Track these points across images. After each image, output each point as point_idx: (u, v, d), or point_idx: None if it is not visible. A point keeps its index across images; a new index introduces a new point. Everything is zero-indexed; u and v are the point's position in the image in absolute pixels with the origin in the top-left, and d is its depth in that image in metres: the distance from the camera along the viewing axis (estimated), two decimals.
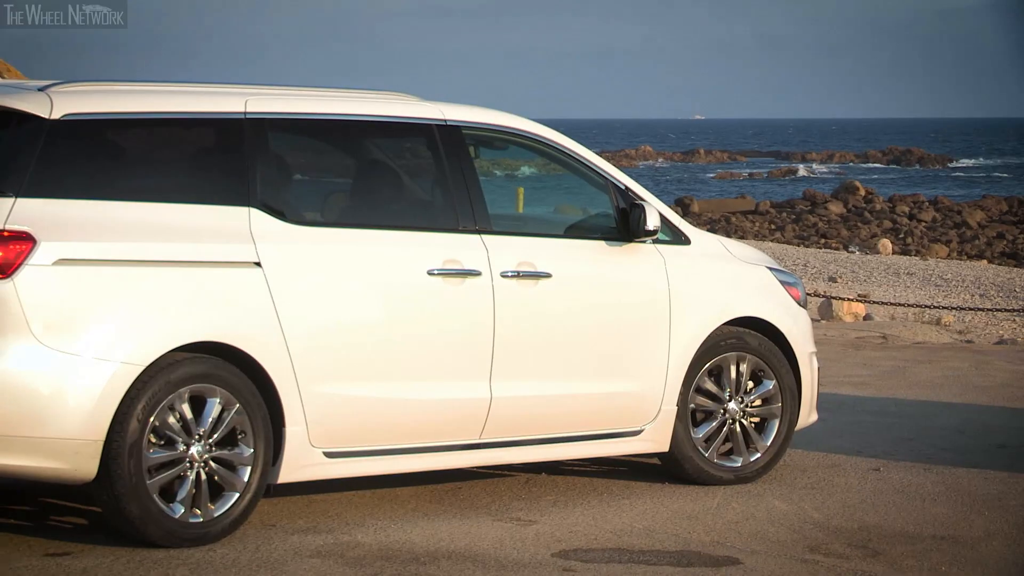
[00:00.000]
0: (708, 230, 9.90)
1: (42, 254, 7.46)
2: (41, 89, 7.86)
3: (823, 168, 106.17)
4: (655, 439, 9.34)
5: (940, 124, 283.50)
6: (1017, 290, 28.59)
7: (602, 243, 9.24)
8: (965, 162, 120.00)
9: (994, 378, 14.53)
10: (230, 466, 7.92)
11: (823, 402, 11.16)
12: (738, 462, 9.59)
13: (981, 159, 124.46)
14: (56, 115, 7.72)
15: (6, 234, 7.41)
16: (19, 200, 7.50)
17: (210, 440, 7.85)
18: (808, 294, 13.61)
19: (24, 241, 7.44)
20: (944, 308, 21.26)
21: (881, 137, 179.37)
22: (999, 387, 13.96)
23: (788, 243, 45.23)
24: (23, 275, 7.42)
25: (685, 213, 50.69)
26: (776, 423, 9.70)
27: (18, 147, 7.65)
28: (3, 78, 8.74)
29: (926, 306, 21.59)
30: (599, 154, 9.59)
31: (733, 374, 9.58)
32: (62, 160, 7.70)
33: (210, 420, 7.85)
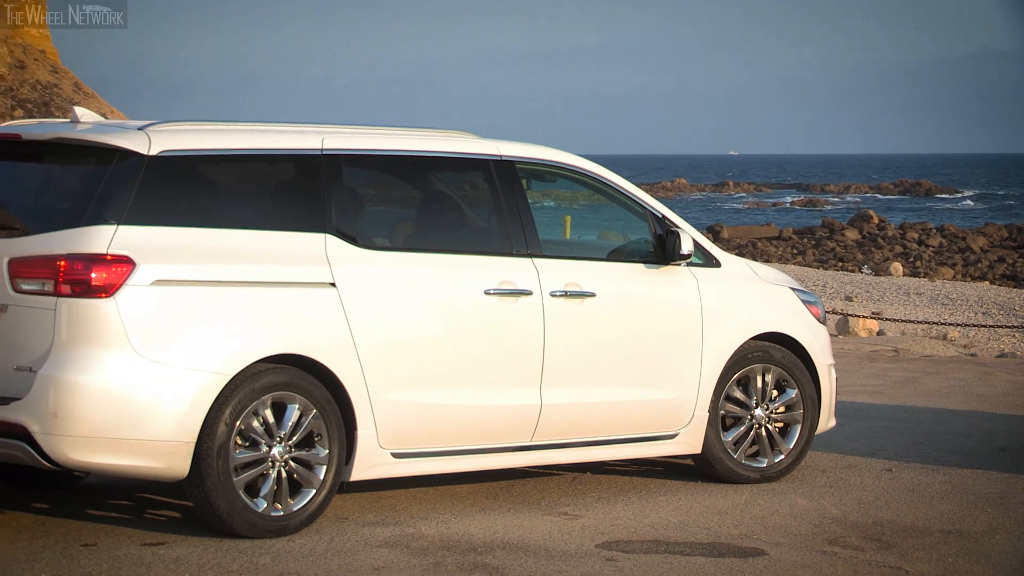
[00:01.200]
0: (736, 254, 9.87)
1: (140, 276, 7.52)
2: (140, 128, 7.91)
3: (838, 199, 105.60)
4: (689, 442, 9.34)
5: (948, 158, 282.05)
6: (1016, 308, 28.43)
7: (641, 266, 9.25)
8: (968, 192, 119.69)
9: (996, 388, 14.45)
10: (307, 465, 7.95)
11: (840, 409, 11.15)
12: (763, 463, 9.58)
13: (981, 190, 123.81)
14: (153, 151, 7.78)
15: (109, 258, 7.47)
16: (120, 227, 7.56)
17: (290, 442, 7.88)
18: (827, 311, 13.59)
19: (125, 264, 7.50)
20: (950, 325, 21.11)
21: (894, 170, 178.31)
22: (1001, 396, 13.88)
23: (809, 266, 45.04)
24: (123, 294, 7.48)
25: (716, 239, 50.55)
26: (798, 428, 9.68)
27: (119, 180, 7.69)
28: (107, 118, 8.79)
29: (934, 323, 21.45)
30: (638, 186, 9.60)
31: (759, 383, 9.57)
32: (158, 192, 7.74)
33: (290, 424, 7.88)
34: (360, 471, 8.15)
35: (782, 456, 9.62)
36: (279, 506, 7.85)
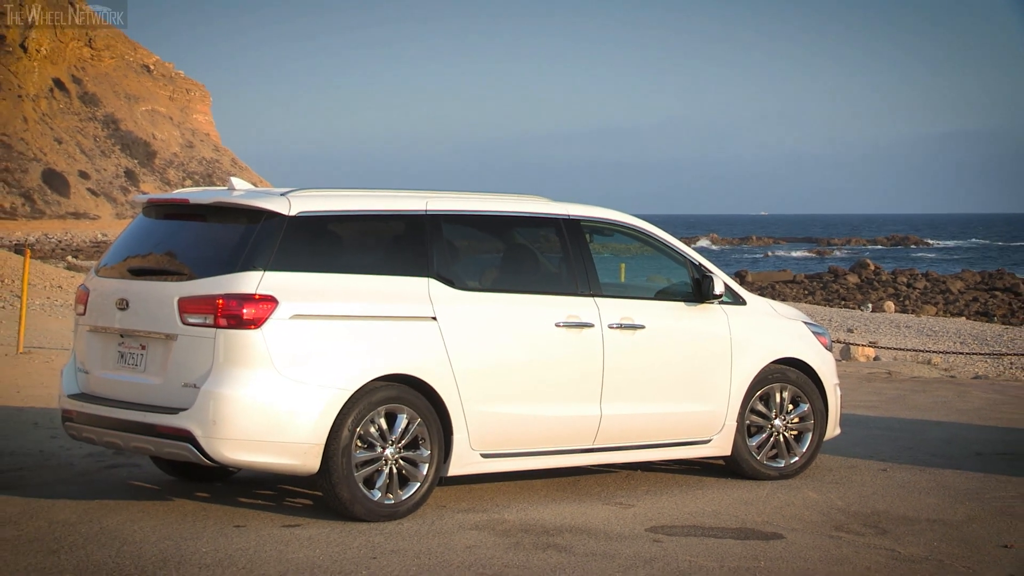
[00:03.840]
0: (758, 294, 9.83)
1: (282, 311, 7.58)
2: (282, 194, 8.00)
3: (840, 252, 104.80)
4: (721, 446, 9.27)
5: (931, 218, 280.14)
6: (988, 339, 28.13)
7: (682, 304, 9.21)
8: (944, 243, 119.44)
9: (972, 404, 14.27)
10: (413, 463, 7.96)
11: (844, 420, 11.03)
12: (781, 463, 9.49)
13: (954, 241, 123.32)
14: (292, 213, 7.86)
15: (257, 297, 7.55)
16: (266, 273, 7.64)
17: (399, 444, 7.90)
18: (832, 341, 13.47)
19: (269, 302, 7.57)
20: (933, 352, 20.87)
21: (889, 226, 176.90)
22: (976, 410, 13.70)
23: (817, 304, 44.73)
24: (268, 326, 7.55)
25: (742, 282, 50.27)
26: (810, 435, 9.59)
27: (266, 235, 7.76)
28: (257, 187, 8.89)
29: (920, 350, 21.20)
30: (679, 239, 9.58)
31: (778, 399, 9.49)
32: (296, 244, 7.80)
33: (399, 430, 7.90)
34: (455, 468, 8.15)
35: (796, 458, 9.53)
36: (391, 496, 7.87)
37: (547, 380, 8.48)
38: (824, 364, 9.71)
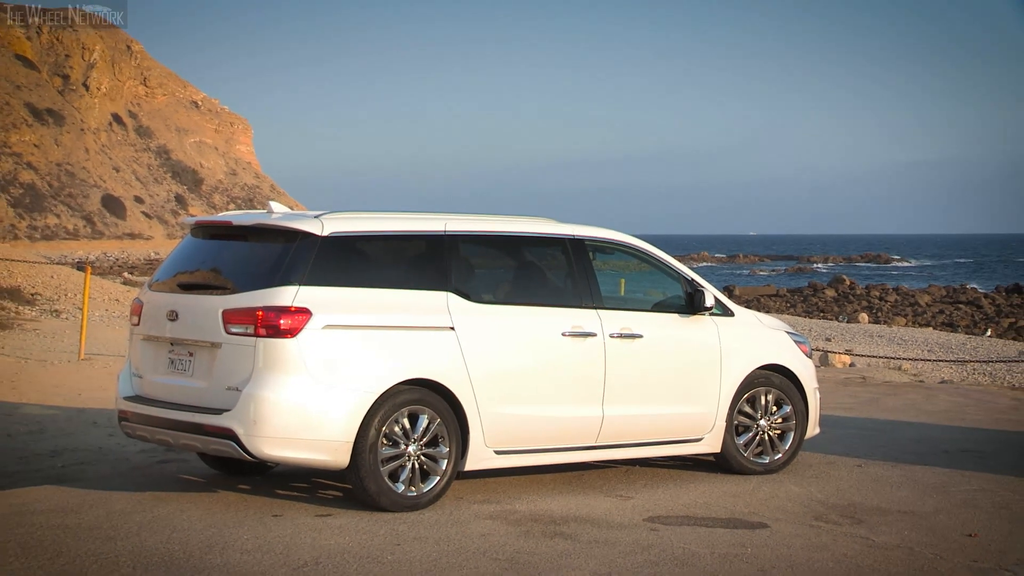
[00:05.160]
0: (745, 307, 9.80)
1: (315, 322, 7.58)
2: (316, 216, 8.00)
3: (822, 267, 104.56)
4: (711, 444, 9.24)
5: (905, 237, 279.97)
6: (953, 347, 28.01)
7: (676, 315, 9.19)
8: (911, 260, 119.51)
9: (938, 406, 14.20)
10: (433, 459, 7.95)
11: (823, 421, 11.00)
12: (766, 460, 9.45)
13: (918, 260, 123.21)
14: (325, 233, 7.87)
15: (293, 309, 7.55)
16: (301, 288, 7.64)
17: (421, 442, 7.88)
18: (812, 349, 13.43)
19: (304, 314, 7.57)
20: (903, 359, 20.76)
21: (864, 245, 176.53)
22: (942, 412, 13.64)
23: (798, 315, 44.54)
24: (303, 335, 7.55)
25: (730, 295, 50.16)
26: (792, 434, 9.55)
27: (301, 254, 7.77)
28: (293, 210, 8.90)
29: (891, 357, 21.10)
30: (673, 256, 9.56)
31: (763, 401, 9.45)
32: (328, 262, 7.80)
33: (421, 429, 7.89)
34: (471, 464, 8.13)
35: (780, 455, 9.49)
36: (413, 489, 7.85)
37: (554, 384, 8.45)
38: (805, 370, 9.68)
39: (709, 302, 9.14)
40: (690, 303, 9.19)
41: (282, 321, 7.49)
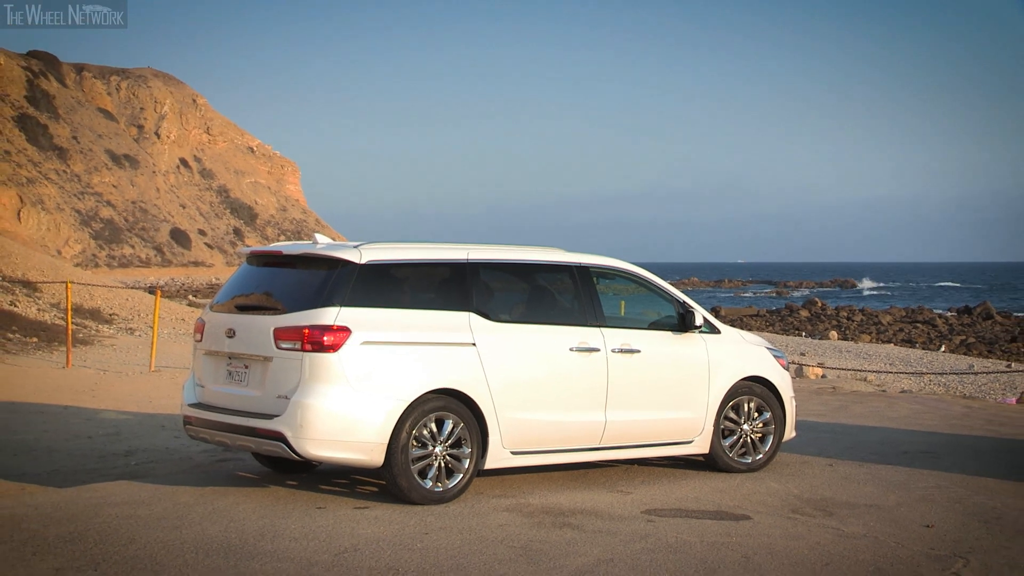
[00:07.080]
0: (730, 325, 9.77)
1: (354, 339, 7.57)
2: (355, 246, 8.00)
3: (797, 293, 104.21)
4: (701, 445, 9.18)
5: (872, 265, 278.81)
6: (912, 361, 27.88)
7: (669, 333, 9.16)
8: (870, 283, 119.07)
9: (900, 413, 14.10)
10: (457, 459, 7.92)
11: (798, 425, 10.92)
12: (749, 460, 9.38)
13: (879, 283, 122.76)
14: (363, 261, 7.87)
15: (335, 328, 7.55)
16: (342, 309, 7.64)
17: (446, 444, 7.85)
18: (789, 362, 13.35)
19: (344, 332, 7.56)
20: (868, 371, 20.62)
21: (832, 272, 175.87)
22: (903, 418, 13.54)
23: (776, 333, 44.40)
24: (343, 351, 7.54)
25: (717, 315, 50.01)
26: (771, 437, 9.48)
27: (342, 279, 7.77)
28: (336, 240, 8.90)
29: (858, 370, 20.97)
30: (667, 281, 9.52)
31: (746, 408, 9.39)
32: (366, 286, 7.80)
33: (446, 432, 7.86)
34: (490, 463, 8.09)
35: (761, 455, 9.42)
36: (439, 485, 7.82)
37: (563, 393, 8.41)
38: (783, 380, 9.62)
39: (699, 321, 9.11)
40: (682, 322, 9.16)
41: (325, 338, 7.48)
